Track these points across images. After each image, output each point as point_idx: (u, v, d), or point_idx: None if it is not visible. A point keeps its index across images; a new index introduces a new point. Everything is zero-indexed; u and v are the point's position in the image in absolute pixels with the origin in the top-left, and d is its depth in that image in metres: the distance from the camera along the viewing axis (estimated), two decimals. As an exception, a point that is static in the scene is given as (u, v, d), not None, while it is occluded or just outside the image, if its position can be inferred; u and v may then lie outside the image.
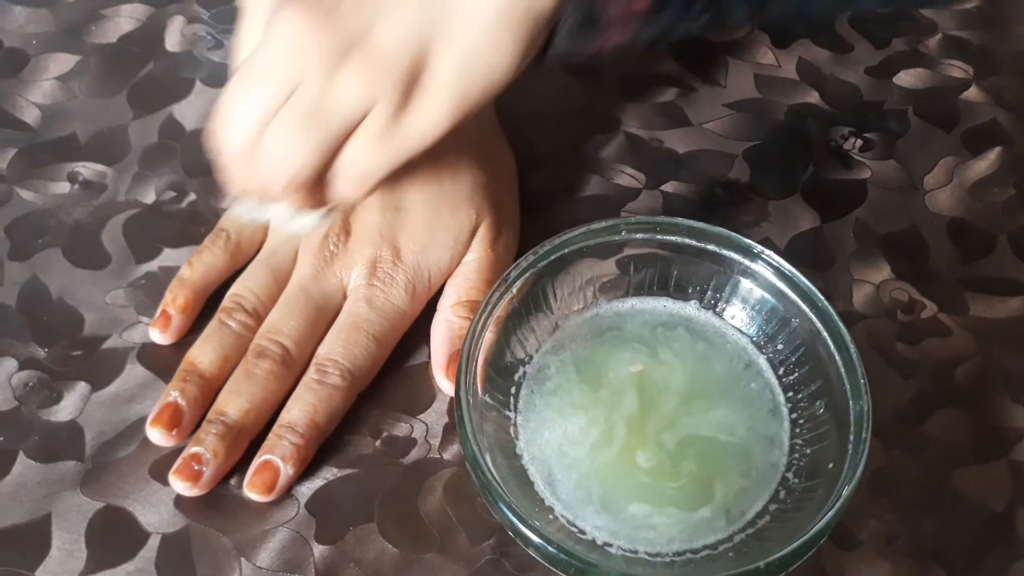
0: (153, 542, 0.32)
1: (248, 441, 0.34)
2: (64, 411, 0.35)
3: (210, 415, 0.34)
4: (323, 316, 0.36)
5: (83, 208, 0.41)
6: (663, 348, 0.35)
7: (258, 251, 0.38)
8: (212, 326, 0.36)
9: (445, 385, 0.35)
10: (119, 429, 0.35)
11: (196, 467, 0.32)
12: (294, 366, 0.35)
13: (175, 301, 0.36)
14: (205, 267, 0.37)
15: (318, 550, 0.32)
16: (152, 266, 0.39)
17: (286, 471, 0.33)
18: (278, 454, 0.33)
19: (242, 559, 0.32)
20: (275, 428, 0.34)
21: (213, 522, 0.33)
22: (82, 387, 0.36)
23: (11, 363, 0.36)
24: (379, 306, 0.36)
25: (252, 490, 0.33)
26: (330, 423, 0.34)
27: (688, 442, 0.32)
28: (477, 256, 0.37)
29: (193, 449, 0.33)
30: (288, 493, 0.33)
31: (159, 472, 0.34)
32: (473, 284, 0.37)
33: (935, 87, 0.46)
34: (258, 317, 0.36)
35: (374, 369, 0.36)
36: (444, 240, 0.37)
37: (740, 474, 0.32)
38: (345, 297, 0.36)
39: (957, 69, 0.47)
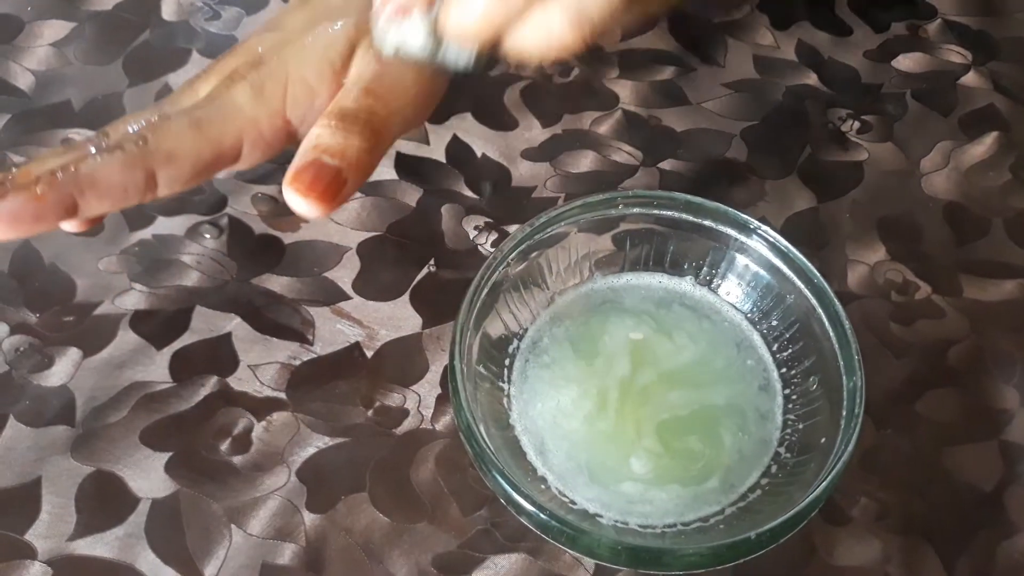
0: (143, 507, 0.32)
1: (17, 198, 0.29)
2: (55, 376, 0.35)
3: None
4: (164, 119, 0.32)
5: (77, 175, 0.40)
6: (658, 322, 0.35)
7: None
8: None
9: (291, 200, 0.31)
10: (110, 395, 0.35)
11: None
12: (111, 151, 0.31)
13: None
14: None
15: (309, 518, 0.32)
16: (145, 234, 0.39)
17: (10, 198, 0.29)
18: (20, 181, 0.29)
19: (232, 526, 0.32)
20: None
21: (203, 488, 0.33)
22: (73, 352, 0.36)
23: (2, 328, 0.36)
24: (214, 97, 0.32)
25: None
26: (93, 180, 0.30)
27: (679, 418, 0.32)
28: (359, 69, 0.33)
29: None
30: (279, 460, 0.33)
31: (150, 438, 0.34)
32: (347, 93, 0.33)
33: (933, 71, 0.46)
34: None
35: (179, 151, 0.31)
36: (312, 45, 0.33)
37: (732, 449, 0.32)
38: None
39: (956, 54, 0.47)
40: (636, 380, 0.33)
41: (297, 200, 0.31)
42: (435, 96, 0.35)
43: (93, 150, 0.31)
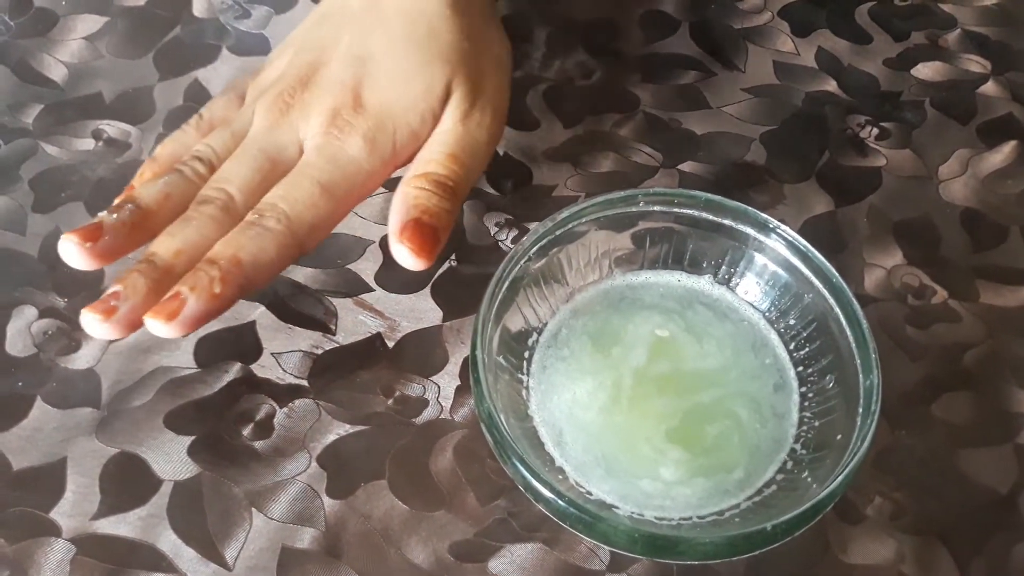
0: (165, 489, 0.33)
1: (200, 300, 0.31)
2: (82, 359, 0.36)
3: (141, 256, 0.32)
4: (275, 168, 0.34)
5: (107, 165, 0.41)
6: (675, 320, 0.35)
7: None
8: (166, 173, 0.34)
9: (401, 254, 0.33)
10: (135, 378, 0.35)
11: (113, 303, 0.30)
12: (236, 214, 0.33)
13: (142, 175, 0.35)
14: (175, 144, 0.36)
15: (329, 504, 0.33)
16: (173, 223, 0.39)
17: (192, 301, 0.30)
18: (188, 284, 0.31)
19: (253, 509, 0.33)
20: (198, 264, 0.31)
21: (225, 472, 0.33)
22: (100, 337, 0.36)
23: (31, 311, 0.37)
24: (330, 153, 0.34)
25: (151, 316, 0.30)
26: (256, 266, 0.32)
27: (696, 413, 0.33)
28: (445, 128, 0.35)
29: (114, 287, 0.31)
30: (300, 446, 0.34)
31: (173, 421, 0.34)
32: (436, 157, 0.35)
33: (952, 80, 0.46)
34: (212, 169, 0.34)
35: (318, 220, 0.33)
36: (412, 93, 0.35)
37: (748, 446, 0.32)
38: (302, 152, 0.34)
39: (975, 63, 0.47)
40: (650, 371, 0.33)
41: (405, 254, 0.33)
42: (489, 159, 0.38)
43: (217, 211, 0.32)
